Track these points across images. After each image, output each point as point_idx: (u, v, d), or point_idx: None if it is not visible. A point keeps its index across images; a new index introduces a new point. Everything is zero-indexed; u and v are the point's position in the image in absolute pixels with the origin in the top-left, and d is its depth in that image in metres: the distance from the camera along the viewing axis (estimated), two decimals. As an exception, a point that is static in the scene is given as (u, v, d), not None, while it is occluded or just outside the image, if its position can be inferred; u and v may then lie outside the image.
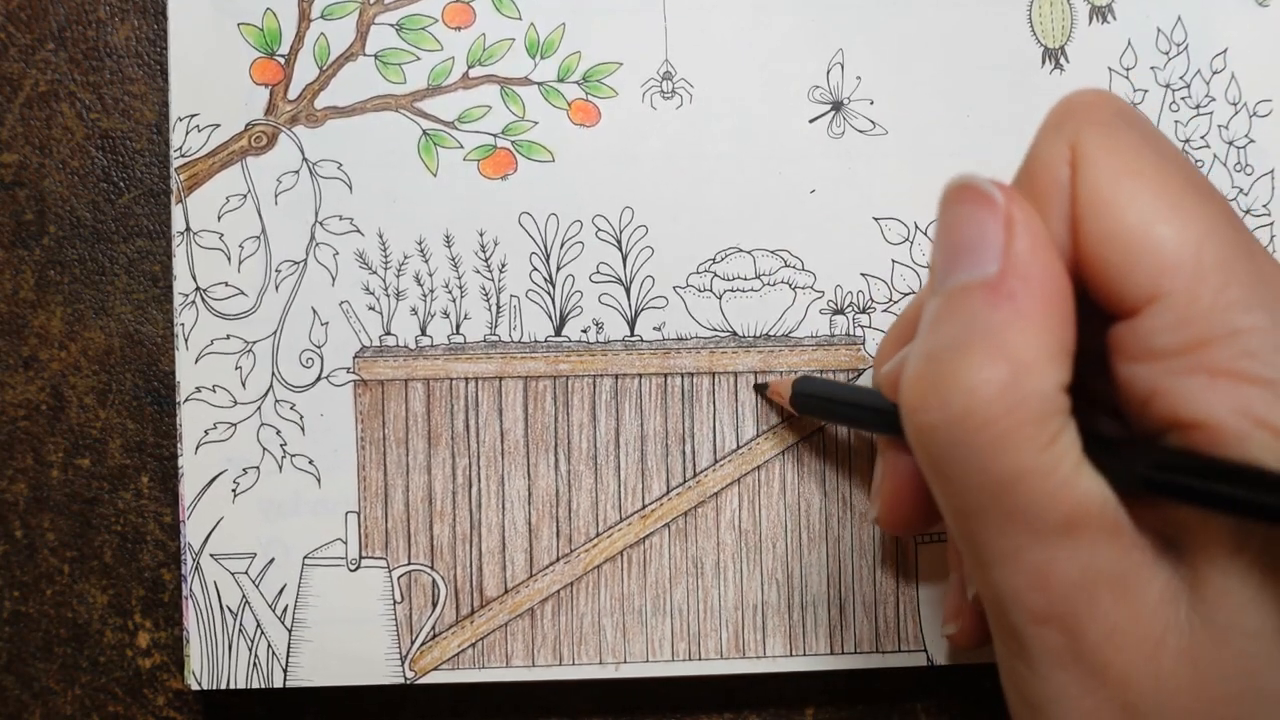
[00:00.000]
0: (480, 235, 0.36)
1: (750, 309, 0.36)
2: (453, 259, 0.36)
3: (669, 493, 0.36)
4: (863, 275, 0.36)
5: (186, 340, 0.36)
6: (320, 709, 0.37)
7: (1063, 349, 0.24)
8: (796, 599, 0.36)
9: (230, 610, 0.35)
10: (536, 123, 0.36)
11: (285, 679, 0.35)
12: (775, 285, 0.36)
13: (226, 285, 0.36)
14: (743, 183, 0.36)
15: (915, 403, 0.24)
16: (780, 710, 0.38)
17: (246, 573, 0.36)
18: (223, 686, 0.35)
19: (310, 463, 0.36)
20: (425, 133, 0.36)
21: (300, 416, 0.36)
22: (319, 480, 0.36)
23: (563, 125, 0.36)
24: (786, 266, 0.36)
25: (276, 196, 0.36)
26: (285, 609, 0.35)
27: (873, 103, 0.36)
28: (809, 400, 0.34)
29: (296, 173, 0.36)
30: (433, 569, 0.36)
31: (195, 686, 0.35)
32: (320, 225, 0.36)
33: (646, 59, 0.36)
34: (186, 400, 0.36)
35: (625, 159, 0.36)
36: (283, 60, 0.36)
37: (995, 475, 0.23)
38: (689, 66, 0.36)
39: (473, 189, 0.36)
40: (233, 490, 0.36)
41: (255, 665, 0.35)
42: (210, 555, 0.36)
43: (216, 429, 0.36)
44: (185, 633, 0.36)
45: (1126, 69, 0.37)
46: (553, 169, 0.36)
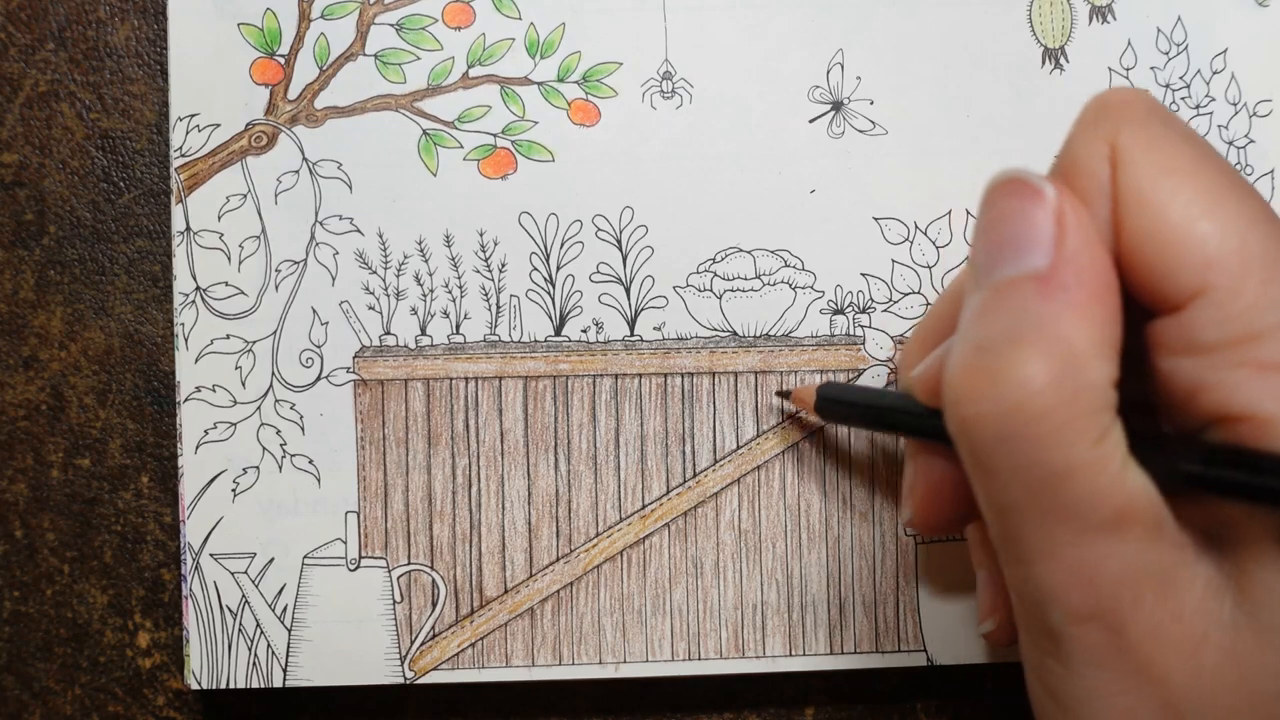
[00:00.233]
0: (480, 235, 0.36)
1: (750, 309, 0.36)
2: (453, 259, 0.36)
3: (669, 493, 0.36)
4: (863, 275, 0.36)
5: (186, 340, 0.36)
6: (320, 709, 0.37)
7: (1113, 344, 0.23)
8: (796, 599, 0.36)
9: (230, 610, 0.35)
10: (536, 123, 0.36)
11: (285, 679, 0.35)
12: (775, 285, 0.36)
13: (226, 285, 0.36)
14: (743, 183, 0.36)
15: (963, 394, 0.24)
16: (780, 710, 0.38)
17: (246, 572, 0.36)
18: (222, 686, 0.35)
19: (310, 462, 0.36)
20: (425, 132, 0.36)
21: (300, 416, 0.36)
22: (319, 480, 0.36)
23: (563, 125, 0.36)
24: (786, 266, 0.36)
25: (276, 196, 0.36)
26: (285, 609, 0.35)
27: (872, 102, 0.36)
28: (834, 406, 0.33)
29: (296, 172, 0.36)
30: (432, 569, 0.36)
31: (195, 686, 0.35)
32: (320, 225, 0.36)
33: (646, 59, 0.36)
34: (186, 400, 0.36)
35: (625, 159, 0.36)
36: (283, 60, 0.36)
37: (1044, 469, 0.23)
38: (689, 66, 0.36)
39: (473, 189, 0.36)
40: (232, 490, 0.36)
41: (255, 665, 0.35)
42: (210, 555, 0.36)
43: (216, 429, 0.36)
44: (185, 633, 0.36)
45: (1126, 69, 0.37)
46: (553, 169, 0.36)
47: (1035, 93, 0.37)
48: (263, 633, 0.35)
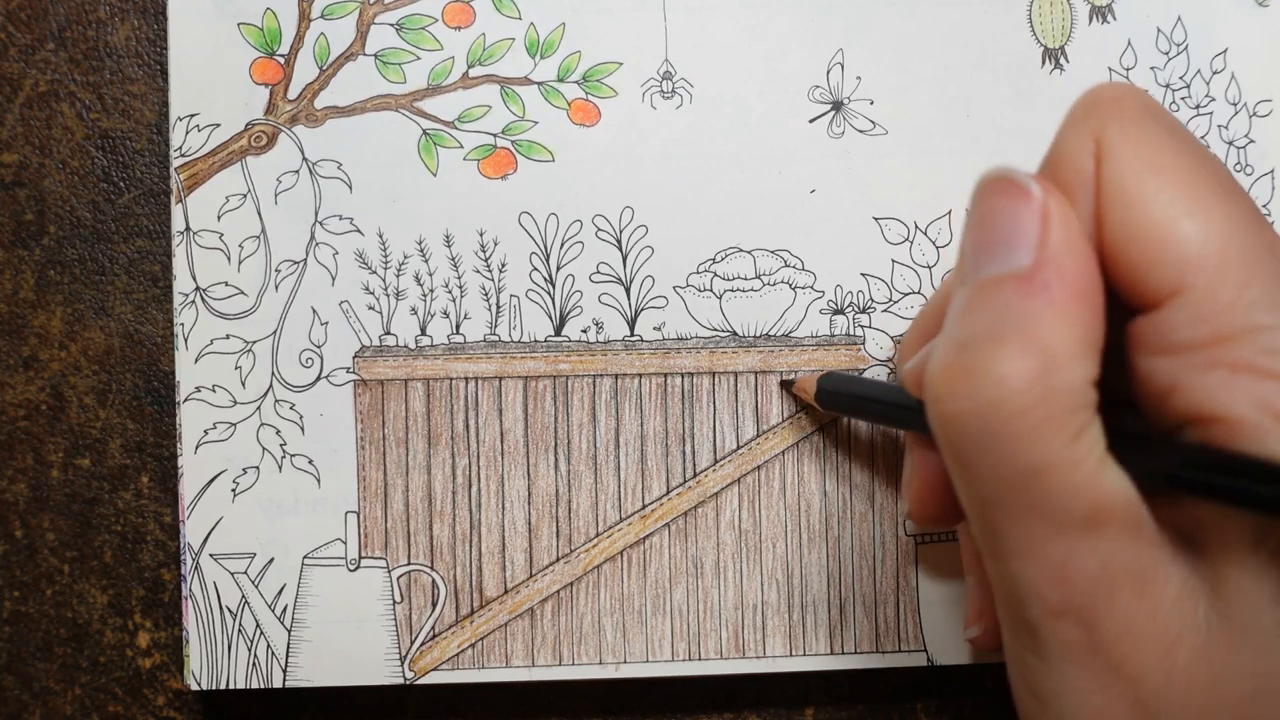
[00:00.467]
0: (480, 235, 0.36)
1: (750, 309, 0.36)
2: (453, 259, 0.36)
3: (669, 493, 0.36)
4: (863, 275, 0.36)
5: (186, 340, 0.36)
6: (320, 709, 0.37)
7: (1093, 343, 0.23)
8: (796, 599, 0.36)
9: (230, 610, 0.35)
10: (536, 122, 0.36)
11: (285, 679, 0.35)
12: (775, 285, 0.36)
13: (226, 285, 0.36)
14: (743, 183, 0.36)
15: (942, 391, 0.24)
16: (780, 710, 0.38)
17: (246, 573, 0.36)
18: (222, 686, 0.35)
19: (310, 462, 0.36)
20: (425, 132, 0.36)
21: (300, 416, 0.36)
22: (319, 480, 0.36)
23: (563, 125, 0.36)
24: (786, 266, 0.36)
25: (276, 196, 0.36)
26: (285, 609, 0.35)
27: (872, 102, 0.36)
28: (834, 397, 0.34)
29: (296, 172, 0.36)
30: (432, 569, 0.36)
31: (195, 686, 0.35)
32: (320, 225, 0.36)
33: (646, 59, 0.36)
34: (186, 400, 0.36)
35: (625, 159, 0.36)
36: (283, 60, 0.36)
37: (1020, 467, 0.23)
38: (689, 66, 0.36)
39: (473, 189, 0.36)
40: (232, 490, 0.36)
41: (255, 665, 0.35)
42: (210, 555, 0.36)
43: (216, 429, 0.36)
44: (185, 633, 0.36)
45: (1126, 69, 0.37)
46: (553, 169, 0.36)
47: (1035, 93, 0.37)
48: (262, 633, 0.35)
